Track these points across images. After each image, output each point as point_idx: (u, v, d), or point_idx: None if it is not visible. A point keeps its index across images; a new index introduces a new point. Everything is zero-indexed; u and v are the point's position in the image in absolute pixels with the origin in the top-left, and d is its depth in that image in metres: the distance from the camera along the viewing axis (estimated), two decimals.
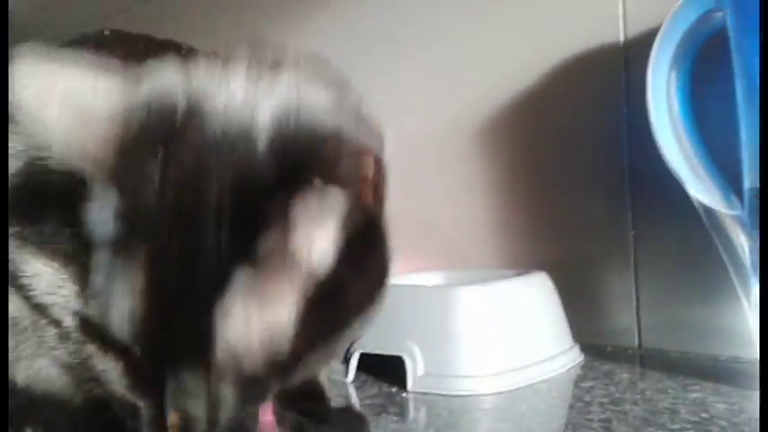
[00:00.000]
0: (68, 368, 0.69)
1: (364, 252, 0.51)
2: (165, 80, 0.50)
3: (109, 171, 0.47)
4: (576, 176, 1.14)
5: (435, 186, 1.27)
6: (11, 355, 0.72)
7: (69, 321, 0.65)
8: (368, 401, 0.89)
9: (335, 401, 0.74)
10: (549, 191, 1.17)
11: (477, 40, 1.22)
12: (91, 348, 0.65)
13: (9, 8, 0.45)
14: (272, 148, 0.47)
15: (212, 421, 0.51)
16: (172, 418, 0.51)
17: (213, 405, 0.50)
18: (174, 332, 0.47)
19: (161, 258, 0.46)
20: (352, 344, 0.99)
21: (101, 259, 0.50)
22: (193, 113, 0.48)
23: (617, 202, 1.09)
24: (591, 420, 0.75)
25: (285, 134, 0.48)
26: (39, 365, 0.72)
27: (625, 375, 0.95)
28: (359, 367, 0.98)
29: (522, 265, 1.11)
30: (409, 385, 0.92)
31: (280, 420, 0.73)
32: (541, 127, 1.17)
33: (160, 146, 0.46)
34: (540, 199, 1.18)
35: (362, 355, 0.98)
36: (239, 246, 0.45)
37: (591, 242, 1.13)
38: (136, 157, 0.47)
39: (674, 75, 0.93)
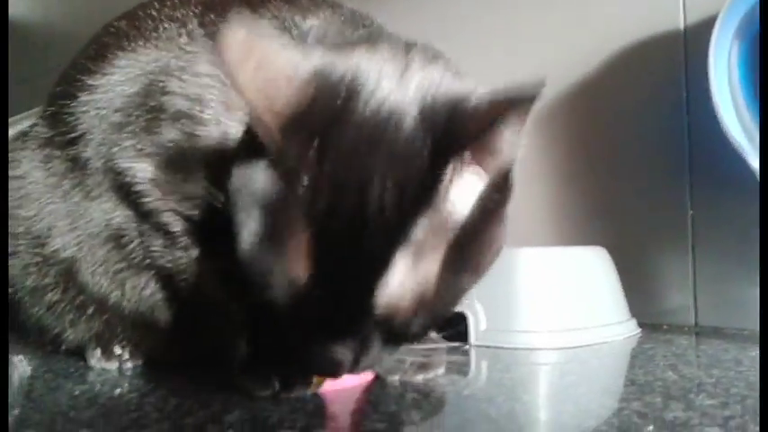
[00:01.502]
0: (168, 280, 0.73)
1: (498, 203, 0.55)
2: (329, 60, 0.53)
3: (276, 143, 0.50)
4: (636, 158, 1.17)
5: None
6: (107, 269, 0.76)
7: (178, 227, 0.69)
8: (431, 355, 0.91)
9: None
10: (609, 172, 1.19)
11: (539, 26, 1.27)
12: (196, 252, 0.69)
13: None
14: (423, 122, 0.51)
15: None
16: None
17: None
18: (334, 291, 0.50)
19: (324, 229, 0.49)
20: None
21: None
22: (352, 95, 0.51)
23: (676, 183, 1.11)
24: (652, 375, 0.75)
25: (433, 108, 0.51)
26: (136, 280, 0.75)
27: (683, 341, 0.96)
28: None
29: (581, 244, 1.13)
30: (471, 339, 0.94)
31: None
32: (602, 110, 1.20)
33: (322, 125, 0.50)
34: (599, 180, 1.21)
35: None
36: (399, 216, 0.49)
37: (649, 223, 1.15)
38: (299, 134, 0.50)
39: (734, 50, 0.96)
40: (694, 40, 1.09)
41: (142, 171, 0.69)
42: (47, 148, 0.79)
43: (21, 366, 0.82)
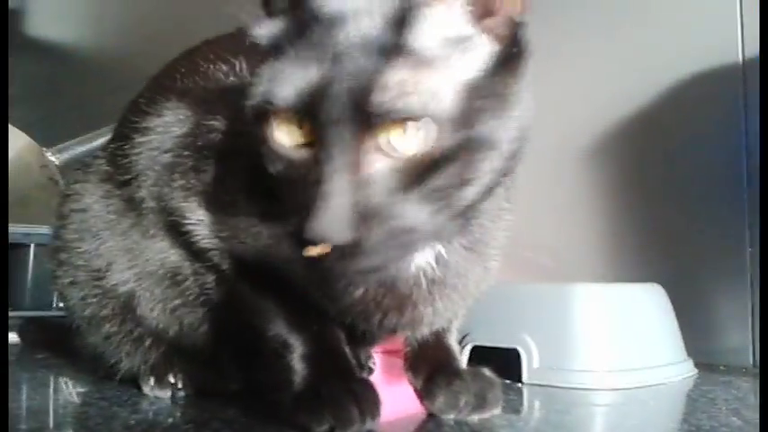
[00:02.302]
0: (222, 315, 0.74)
1: (512, 62, 0.54)
2: None
3: None
4: (693, 193, 1.15)
5: (546, 203, 1.28)
6: (165, 305, 0.77)
7: (229, 264, 0.70)
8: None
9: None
10: (664, 207, 1.18)
11: (595, 60, 1.26)
12: (246, 288, 0.69)
13: None
14: None
15: None
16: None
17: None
18: None
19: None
20: (464, 337, 1.00)
21: None
22: None
23: (734, 219, 1.09)
24: (716, 420, 0.73)
25: None
26: (193, 316, 0.77)
27: (743, 384, 0.93)
28: (470, 362, 0.99)
29: (636, 281, 1.11)
30: (524, 377, 0.92)
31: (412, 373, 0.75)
32: (659, 144, 1.19)
33: None
34: (654, 216, 1.19)
35: (475, 349, 0.99)
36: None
37: (707, 259, 1.12)
38: None
39: None
40: (753, 74, 1.07)
41: (191, 210, 0.70)
42: (107, 183, 0.81)
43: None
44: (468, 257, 0.66)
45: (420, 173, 0.51)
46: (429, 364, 0.74)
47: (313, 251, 0.51)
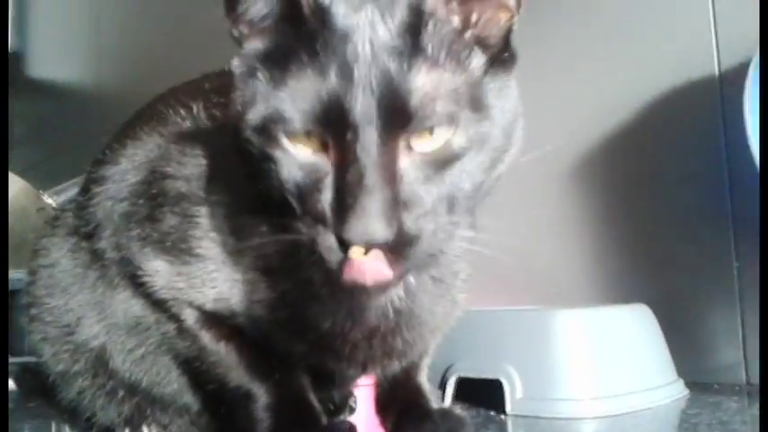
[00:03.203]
0: (187, 365, 0.74)
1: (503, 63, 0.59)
2: None
3: None
4: (676, 210, 1.13)
5: (531, 224, 1.27)
6: (134, 355, 0.77)
7: (186, 314, 0.69)
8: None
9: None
10: (649, 226, 1.16)
11: (571, 77, 1.25)
12: (206, 338, 0.69)
13: None
14: None
15: None
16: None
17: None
18: None
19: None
20: (447, 369, 0.99)
21: None
22: None
23: (719, 234, 1.07)
24: None
25: None
26: (160, 365, 0.76)
27: (733, 404, 0.92)
28: (456, 395, 0.98)
29: (622, 301, 1.09)
30: (508, 408, 0.91)
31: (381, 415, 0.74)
32: (639, 162, 1.17)
33: None
34: (639, 234, 1.17)
35: (460, 381, 0.98)
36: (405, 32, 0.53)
37: (693, 276, 1.11)
38: None
39: None
40: (730, 85, 1.06)
41: (147, 261, 0.69)
42: (74, 236, 0.81)
43: None
44: (435, 289, 0.66)
45: (438, 166, 0.53)
46: (398, 405, 0.73)
47: (358, 253, 0.50)
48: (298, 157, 0.53)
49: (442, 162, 0.52)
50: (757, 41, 0.92)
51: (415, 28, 0.53)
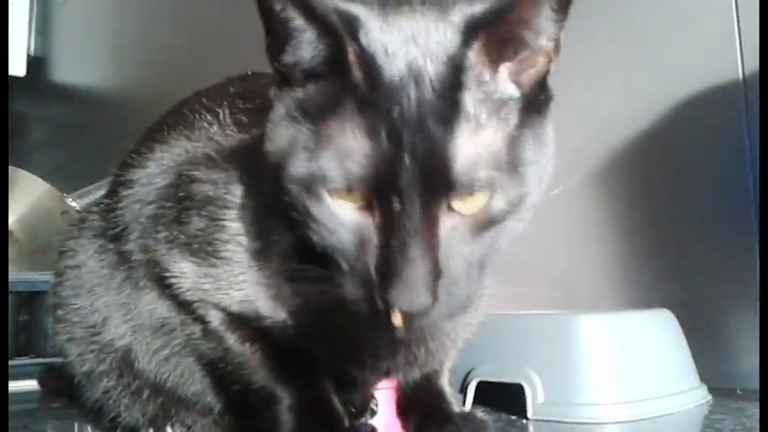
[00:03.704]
0: (212, 366, 0.74)
1: (540, 109, 0.58)
2: None
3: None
4: (698, 214, 1.12)
5: (551, 229, 1.27)
6: (159, 355, 0.78)
7: (212, 316, 0.70)
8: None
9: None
10: (670, 230, 1.15)
11: (594, 81, 1.25)
12: (231, 340, 0.70)
13: None
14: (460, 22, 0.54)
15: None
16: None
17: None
18: None
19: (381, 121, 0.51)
20: (468, 373, 0.99)
21: None
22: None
23: (743, 239, 1.06)
24: None
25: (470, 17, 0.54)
26: (185, 366, 0.77)
27: (756, 410, 0.91)
28: (477, 399, 0.98)
29: (644, 306, 1.09)
30: (529, 412, 0.91)
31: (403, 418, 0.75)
32: (661, 166, 1.17)
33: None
34: (660, 238, 1.17)
35: (480, 385, 0.98)
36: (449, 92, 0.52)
37: (717, 281, 1.10)
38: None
39: None
40: (754, 89, 1.05)
41: (173, 262, 0.70)
42: (100, 238, 0.82)
43: None
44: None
45: (477, 228, 0.53)
46: (420, 408, 0.74)
47: (398, 319, 0.52)
48: (341, 216, 0.53)
49: (482, 224, 0.53)
50: None
51: (457, 85, 0.52)
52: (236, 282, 0.68)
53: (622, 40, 1.23)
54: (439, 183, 0.50)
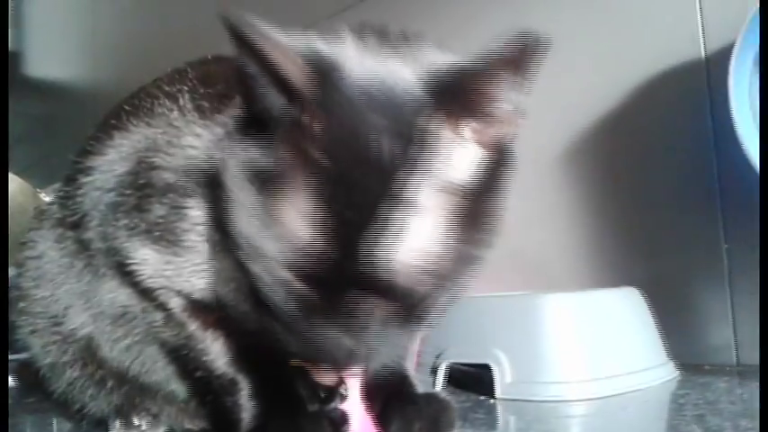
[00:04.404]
0: (174, 353, 0.74)
1: (498, 177, 0.56)
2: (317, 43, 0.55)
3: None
4: (665, 193, 1.13)
5: (520, 212, 1.27)
6: (121, 344, 0.77)
7: (174, 303, 0.70)
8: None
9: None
10: (638, 209, 1.16)
11: (556, 64, 1.25)
12: (193, 326, 0.69)
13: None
14: (419, 84, 0.52)
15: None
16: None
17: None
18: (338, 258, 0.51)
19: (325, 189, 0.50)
20: (438, 356, 1.00)
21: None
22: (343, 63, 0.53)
23: (708, 217, 1.08)
24: (676, 429, 0.72)
25: (429, 72, 0.53)
26: (147, 354, 0.77)
27: (722, 384, 0.92)
28: (448, 381, 0.99)
29: (613, 286, 1.10)
30: (497, 392, 0.91)
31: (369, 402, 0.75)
32: (626, 147, 1.18)
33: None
34: (628, 218, 1.18)
35: (451, 369, 0.99)
36: (398, 175, 0.50)
37: (683, 258, 1.11)
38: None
39: (756, 77, 0.93)
40: (717, 69, 1.06)
41: (134, 250, 0.70)
42: (60, 228, 0.81)
43: None
44: None
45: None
46: (384, 391, 0.74)
47: None
48: None
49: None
50: (743, 22, 0.92)
51: (395, 169, 0.50)
52: (198, 270, 0.67)
53: (584, 21, 1.23)
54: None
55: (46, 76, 3.20)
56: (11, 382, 1.31)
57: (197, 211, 0.67)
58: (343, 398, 0.91)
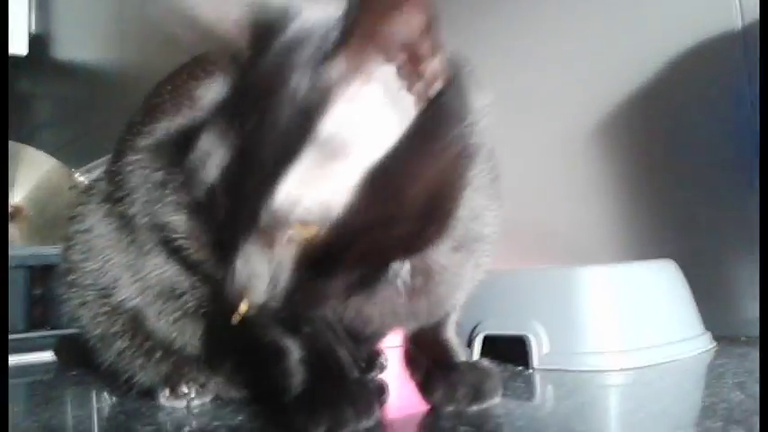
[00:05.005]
0: (223, 325, 0.76)
1: (430, 137, 0.52)
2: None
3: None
4: (701, 168, 1.13)
5: (556, 188, 1.28)
6: (169, 318, 0.79)
7: (221, 274, 0.71)
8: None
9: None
10: (672, 184, 1.16)
11: (590, 39, 1.25)
12: None
13: None
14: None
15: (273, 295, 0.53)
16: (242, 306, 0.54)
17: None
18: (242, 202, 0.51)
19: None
20: (474, 328, 1.01)
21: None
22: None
23: (743, 191, 1.07)
24: (718, 396, 0.72)
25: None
26: (196, 326, 0.79)
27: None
28: (484, 353, 1.00)
29: (648, 257, 1.10)
30: (534, 363, 0.93)
31: (410, 370, 0.76)
32: (663, 117, 1.17)
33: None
34: (663, 193, 1.17)
35: (487, 341, 1.00)
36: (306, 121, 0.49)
37: (720, 230, 1.11)
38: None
39: None
40: (753, 40, 1.05)
41: (181, 223, 0.71)
42: (108, 202, 0.83)
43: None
44: (453, 259, 0.66)
45: (323, 251, 0.51)
46: (427, 359, 0.75)
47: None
48: None
49: (322, 249, 0.53)
50: None
51: (316, 105, 0.50)
52: None
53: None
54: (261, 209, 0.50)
55: (74, 57, 3.23)
56: (50, 356, 1.34)
57: None
58: (383, 368, 0.93)
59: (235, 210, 0.51)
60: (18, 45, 2.97)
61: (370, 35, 0.49)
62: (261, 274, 0.52)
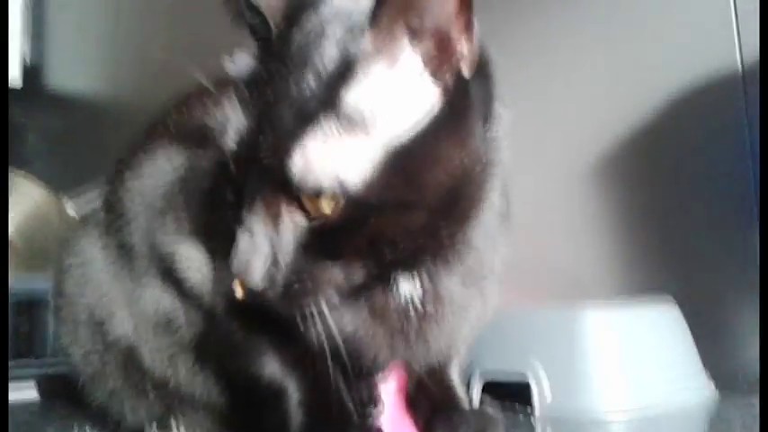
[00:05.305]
0: (219, 362, 0.73)
1: (454, 117, 0.53)
2: None
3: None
4: (700, 206, 1.12)
5: (555, 222, 1.27)
6: (164, 354, 0.77)
7: (220, 306, 0.69)
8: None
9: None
10: (672, 222, 1.15)
11: (592, 76, 1.25)
12: (240, 331, 0.69)
13: None
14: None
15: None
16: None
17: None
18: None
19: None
20: (473, 369, 0.99)
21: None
22: None
23: (742, 230, 1.06)
24: None
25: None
26: (191, 363, 0.76)
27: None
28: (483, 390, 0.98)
29: (646, 293, 1.08)
30: (536, 410, 0.90)
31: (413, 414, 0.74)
32: (663, 155, 1.17)
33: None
34: (662, 230, 1.16)
35: (487, 384, 0.98)
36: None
37: (719, 269, 1.10)
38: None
39: None
40: (753, 80, 1.05)
41: (182, 251, 0.70)
42: (104, 233, 0.81)
43: None
44: (464, 291, 0.64)
45: (330, 232, 0.52)
46: (430, 402, 0.73)
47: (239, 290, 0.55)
48: None
49: (333, 229, 0.53)
50: None
51: (341, 76, 0.52)
52: None
53: (620, 32, 1.23)
54: (275, 176, 0.51)
55: (68, 88, 3.22)
56: (34, 395, 1.30)
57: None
58: (381, 412, 0.91)
59: (249, 169, 0.52)
60: (12, 77, 2.95)
61: (399, 16, 0.51)
62: (263, 251, 0.52)
